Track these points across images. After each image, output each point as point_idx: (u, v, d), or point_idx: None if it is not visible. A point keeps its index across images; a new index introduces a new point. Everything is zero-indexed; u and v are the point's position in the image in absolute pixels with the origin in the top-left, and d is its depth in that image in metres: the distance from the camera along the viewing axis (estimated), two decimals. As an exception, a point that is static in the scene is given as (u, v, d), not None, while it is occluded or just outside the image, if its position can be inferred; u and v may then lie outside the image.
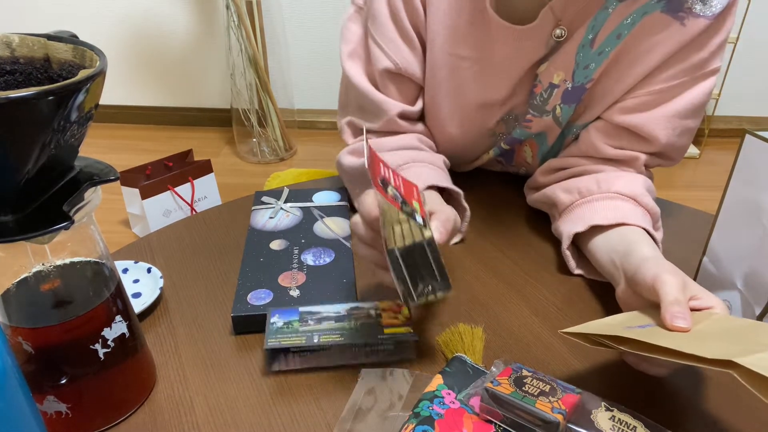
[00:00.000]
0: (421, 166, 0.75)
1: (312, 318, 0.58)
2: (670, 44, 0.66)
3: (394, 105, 0.76)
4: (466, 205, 0.76)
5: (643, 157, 0.73)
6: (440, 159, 0.80)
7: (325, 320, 0.58)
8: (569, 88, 0.72)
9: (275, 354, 0.56)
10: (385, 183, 0.50)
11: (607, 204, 0.70)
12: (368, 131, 0.78)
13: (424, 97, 0.79)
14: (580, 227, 0.69)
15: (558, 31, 0.68)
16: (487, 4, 0.68)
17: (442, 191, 0.74)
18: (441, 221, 0.55)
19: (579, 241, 0.73)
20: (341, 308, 0.60)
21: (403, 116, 0.77)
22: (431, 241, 0.50)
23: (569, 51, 0.69)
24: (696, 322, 0.49)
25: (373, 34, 0.74)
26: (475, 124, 0.80)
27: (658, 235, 0.69)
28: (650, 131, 0.70)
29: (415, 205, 0.52)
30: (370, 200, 0.54)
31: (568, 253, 0.71)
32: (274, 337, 0.56)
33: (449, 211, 0.59)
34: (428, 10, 0.72)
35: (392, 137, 0.78)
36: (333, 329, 0.57)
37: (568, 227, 0.72)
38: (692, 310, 0.51)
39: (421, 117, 0.82)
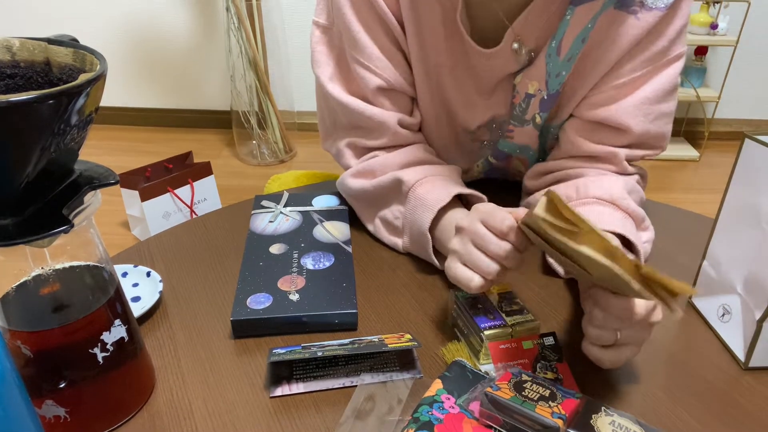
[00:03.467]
0: (439, 178, 0.74)
1: (314, 346, 0.57)
2: (627, 38, 0.67)
3: (391, 115, 0.75)
4: None
5: (622, 152, 0.73)
6: (456, 171, 0.79)
7: (328, 346, 0.56)
8: (545, 97, 0.73)
9: (277, 379, 0.56)
10: None
11: (584, 210, 0.70)
12: (372, 149, 0.78)
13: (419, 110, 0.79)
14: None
15: (524, 52, 0.70)
16: (458, 20, 0.69)
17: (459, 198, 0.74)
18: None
19: None
20: (344, 341, 0.58)
21: (402, 125, 0.76)
22: None
23: (540, 61, 0.70)
24: None
25: (358, 58, 0.73)
26: (458, 132, 0.81)
27: (646, 235, 0.71)
28: (621, 121, 0.70)
29: None
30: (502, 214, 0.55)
31: (551, 261, 0.73)
32: (276, 356, 0.54)
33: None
34: (405, 25, 0.71)
35: (399, 151, 0.76)
36: (336, 347, 0.56)
37: None
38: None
39: (419, 128, 0.81)
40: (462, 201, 0.74)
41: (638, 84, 0.70)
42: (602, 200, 0.70)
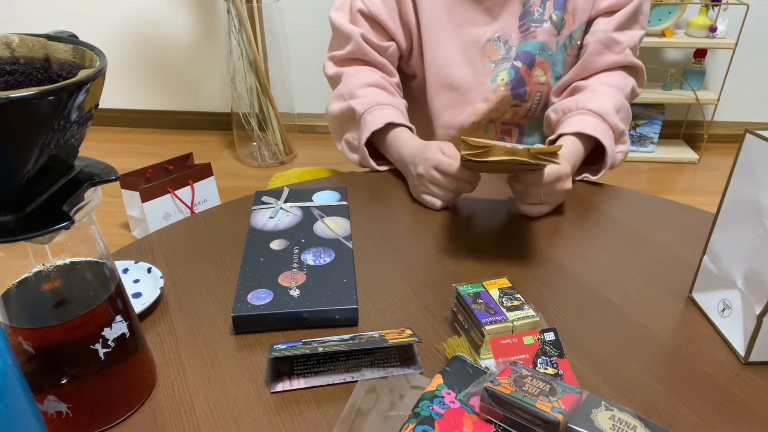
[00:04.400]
0: (384, 108, 0.94)
1: (315, 341, 0.57)
2: None
3: (357, 29, 0.96)
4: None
5: (623, 37, 0.95)
6: (401, 102, 0.99)
7: (328, 342, 0.57)
8: None
9: (278, 375, 0.56)
10: None
11: (576, 119, 0.91)
12: (341, 58, 1.00)
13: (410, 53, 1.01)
14: (553, 137, 0.93)
15: None
16: None
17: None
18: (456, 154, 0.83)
19: None
20: (344, 336, 0.59)
21: (367, 41, 0.97)
22: None
23: None
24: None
25: None
26: (466, 51, 0.98)
27: (621, 147, 0.93)
28: None
29: None
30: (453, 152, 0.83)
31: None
32: (277, 351, 0.55)
33: (445, 144, 0.85)
34: None
35: (360, 75, 0.97)
36: (337, 343, 0.56)
37: (552, 138, 0.94)
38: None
39: (387, 56, 1.00)
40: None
41: None
42: (593, 112, 0.91)
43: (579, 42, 0.99)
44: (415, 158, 0.87)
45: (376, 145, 0.96)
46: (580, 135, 0.89)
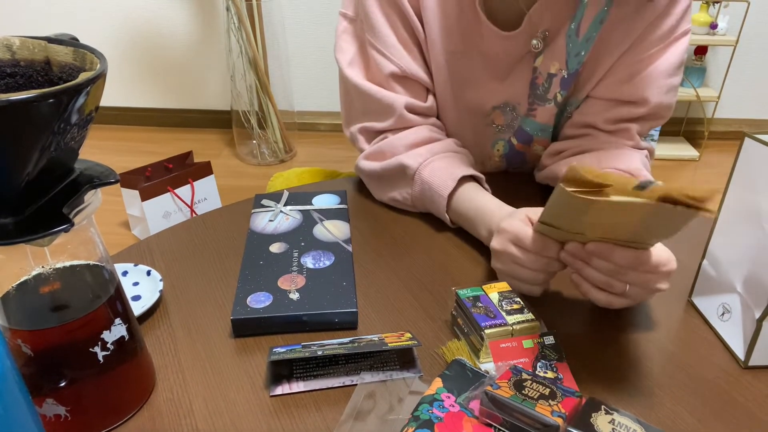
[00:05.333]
0: (442, 158, 0.80)
1: (314, 344, 0.57)
2: (642, 18, 0.74)
3: (398, 98, 0.80)
4: (488, 188, 0.80)
5: (634, 126, 0.79)
6: (453, 142, 0.85)
7: (328, 345, 0.57)
8: (565, 76, 0.79)
9: (277, 378, 0.56)
10: None
11: None
12: (381, 131, 0.84)
13: (435, 99, 0.85)
14: None
15: (534, 42, 0.77)
16: (476, 5, 0.76)
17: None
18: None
19: None
20: (344, 340, 0.58)
21: (411, 109, 0.81)
22: None
23: (560, 42, 0.76)
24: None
25: (374, 44, 0.79)
26: (472, 115, 0.86)
27: None
28: (640, 95, 0.77)
29: None
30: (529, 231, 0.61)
31: None
32: (276, 354, 0.55)
33: (532, 209, 0.65)
34: (423, 14, 0.77)
35: (404, 133, 0.82)
36: (336, 346, 0.56)
37: None
38: None
39: (432, 113, 0.86)
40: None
41: (653, 60, 0.76)
42: (623, 171, 0.76)
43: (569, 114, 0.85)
44: (491, 226, 0.70)
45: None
46: None
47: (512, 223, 0.63)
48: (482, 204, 0.74)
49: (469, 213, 0.75)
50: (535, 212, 0.63)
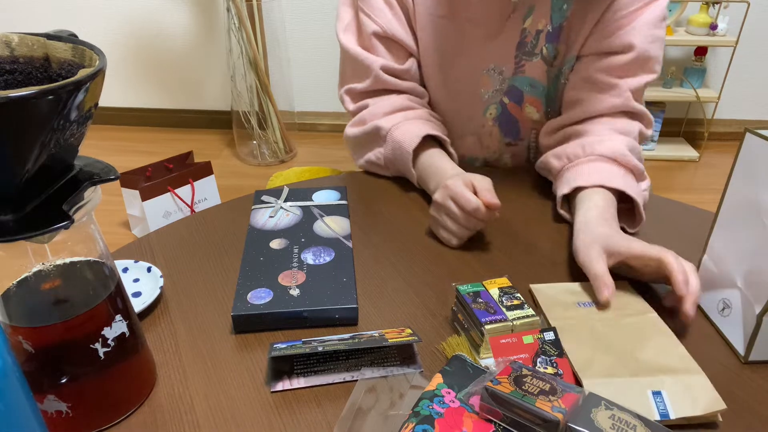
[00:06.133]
0: (413, 121, 0.88)
1: (315, 340, 0.57)
2: None
3: (376, 60, 0.88)
4: (452, 151, 0.89)
5: (624, 83, 0.82)
6: (428, 112, 0.91)
7: (328, 341, 0.57)
8: (550, 30, 0.85)
9: (278, 374, 0.56)
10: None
11: (590, 167, 0.80)
12: (361, 92, 0.92)
13: (419, 66, 0.92)
14: (566, 189, 0.79)
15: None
16: None
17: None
18: (488, 187, 0.73)
19: (572, 201, 0.82)
20: (344, 335, 0.58)
21: (387, 70, 0.88)
22: None
23: (545, 2, 0.82)
24: (627, 316, 0.62)
25: (362, 6, 0.87)
26: (460, 81, 0.90)
27: (644, 184, 0.82)
28: (626, 40, 0.80)
29: None
30: (469, 193, 0.71)
31: (563, 213, 0.82)
32: (277, 350, 0.55)
33: (479, 177, 0.75)
34: None
35: (383, 101, 0.90)
36: (337, 342, 0.56)
37: (559, 190, 0.82)
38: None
39: (410, 77, 0.91)
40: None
41: (636, 16, 0.80)
42: (606, 157, 0.80)
43: (566, 78, 0.89)
44: (439, 183, 0.79)
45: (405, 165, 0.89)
46: (603, 187, 0.77)
47: (455, 183, 0.73)
48: (440, 165, 0.84)
49: (428, 170, 0.85)
50: (480, 180, 0.74)
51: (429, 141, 0.87)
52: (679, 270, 0.60)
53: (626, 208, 0.80)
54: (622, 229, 0.76)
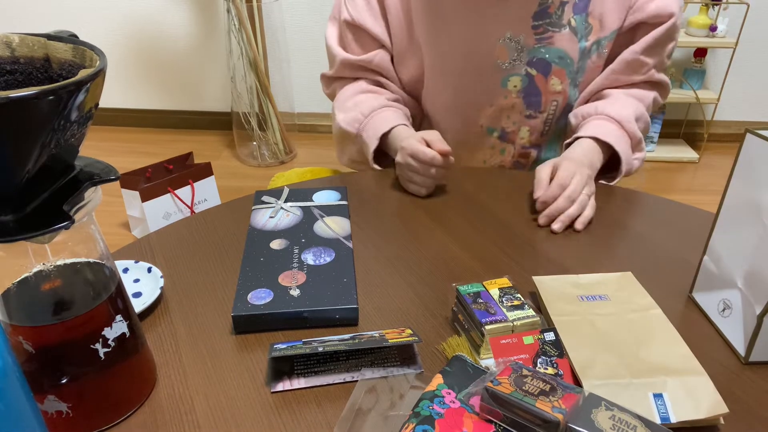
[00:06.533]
0: (373, 116, 0.95)
1: (315, 341, 0.57)
2: None
3: (340, 53, 0.99)
4: (408, 116, 1.00)
5: (650, 60, 0.91)
6: (390, 99, 0.99)
7: (328, 342, 0.57)
8: (577, 1, 0.88)
9: (278, 375, 0.56)
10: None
11: (595, 123, 0.90)
12: (330, 77, 1.04)
13: (394, 59, 0.99)
14: (569, 140, 0.92)
15: None
16: None
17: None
18: (438, 138, 0.84)
19: None
20: (344, 336, 0.58)
21: (348, 65, 0.98)
22: None
23: None
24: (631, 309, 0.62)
25: None
26: (475, 55, 0.93)
27: (638, 155, 0.92)
28: (669, 10, 0.88)
29: None
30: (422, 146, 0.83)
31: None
32: (277, 351, 0.55)
33: (428, 131, 0.86)
34: None
35: (343, 91, 1.00)
36: (337, 342, 0.56)
37: (569, 141, 0.93)
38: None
39: (371, 67, 0.99)
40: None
41: None
42: (612, 118, 0.90)
43: (606, 51, 0.94)
44: (397, 146, 0.89)
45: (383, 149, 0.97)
46: (597, 140, 0.88)
47: (411, 142, 0.84)
48: (396, 134, 0.93)
49: (389, 148, 0.95)
50: (429, 133, 0.85)
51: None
52: (545, 179, 0.81)
53: (614, 164, 0.91)
54: (602, 182, 0.91)
